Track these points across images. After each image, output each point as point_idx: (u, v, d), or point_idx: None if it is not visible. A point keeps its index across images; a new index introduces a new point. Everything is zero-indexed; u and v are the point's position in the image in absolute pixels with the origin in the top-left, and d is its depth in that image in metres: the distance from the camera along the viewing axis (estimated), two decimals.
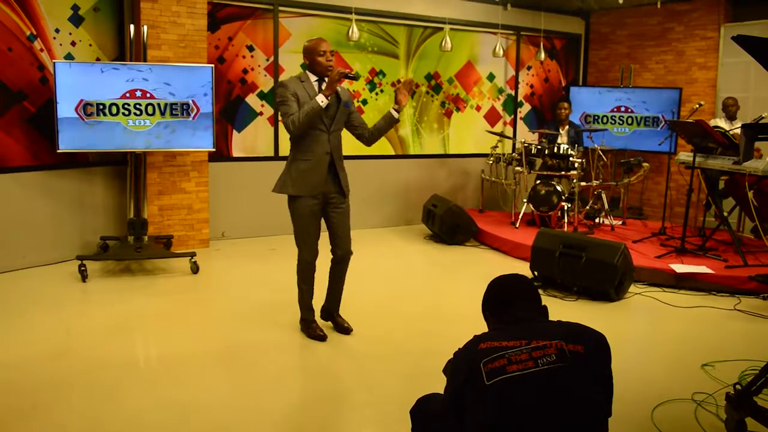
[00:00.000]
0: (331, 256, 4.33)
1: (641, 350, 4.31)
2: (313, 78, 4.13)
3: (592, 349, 2.01)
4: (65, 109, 5.65)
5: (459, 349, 2.12)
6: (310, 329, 4.36)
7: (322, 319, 4.53)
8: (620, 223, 7.59)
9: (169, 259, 6.18)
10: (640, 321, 4.97)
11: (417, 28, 8.29)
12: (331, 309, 4.50)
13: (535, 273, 5.63)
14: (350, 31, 7.22)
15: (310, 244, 4.19)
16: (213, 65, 6.15)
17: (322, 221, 4.26)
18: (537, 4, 8.60)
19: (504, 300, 2.23)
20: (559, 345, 1.96)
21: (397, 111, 4.16)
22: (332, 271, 4.41)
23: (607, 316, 4.90)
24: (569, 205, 7.15)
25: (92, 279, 5.64)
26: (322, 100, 3.91)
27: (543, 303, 2.27)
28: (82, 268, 5.61)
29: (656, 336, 4.59)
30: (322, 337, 4.30)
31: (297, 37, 7.50)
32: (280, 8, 7.33)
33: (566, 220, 7.07)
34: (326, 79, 4.02)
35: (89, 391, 3.48)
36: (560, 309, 5.03)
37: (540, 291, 5.34)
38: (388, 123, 4.22)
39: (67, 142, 5.71)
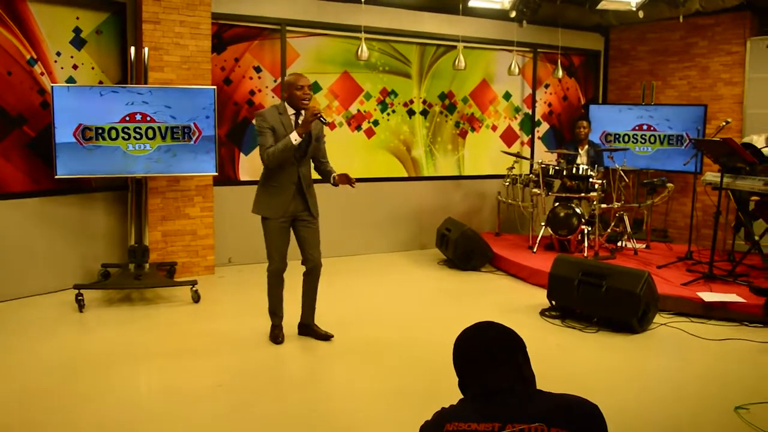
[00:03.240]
0: (303, 269, 4.60)
1: (666, 389, 3.96)
2: (290, 111, 4.41)
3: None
4: (63, 133, 5.50)
5: (425, 423, 1.77)
6: (272, 333, 4.67)
7: (300, 334, 4.74)
8: (644, 246, 7.24)
9: (171, 288, 5.96)
10: (665, 355, 4.62)
11: (429, 47, 8.06)
12: (306, 322, 4.74)
13: (553, 303, 5.31)
14: (359, 50, 7.01)
15: (278, 257, 4.51)
16: (215, 87, 5.98)
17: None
18: (554, 21, 8.33)
19: (474, 363, 1.78)
20: (541, 430, 1.60)
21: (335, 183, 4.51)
22: (304, 282, 4.66)
23: (629, 350, 4.56)
24: (589, 228, 6.82)
25: (90, 308, 5.43)
26: (295, 138, 4.25)
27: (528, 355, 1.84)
28: (79, 297, 5.41)
29: (683, 372, 4.23)
30: (278, 341, 4.59)
31: (305, 58, 7.31)
32: (288, 28, 7.16)
33: (586, 243, 6.74)
34: (302, 113, 4.34)
35: (65, 428, 3.25)
36: (579, 342, 4.71)
37: (558, 322, 5.09)
38: (328, 179, 4.57)
39: (66, 168, 5.55)
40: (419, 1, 7.72)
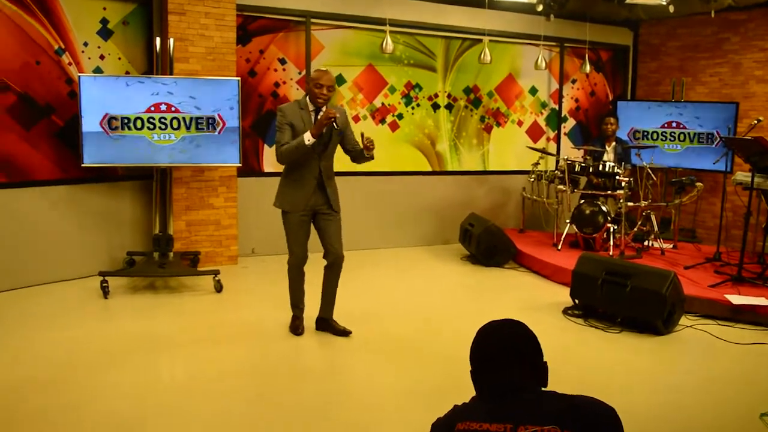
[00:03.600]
0: (324, 263, 4.57)
1: (690, 392, 3.87)
2: (311, 107, 4.37)
3: None
4: (90, 122, 5.55)
5: (437, 420, 1.76)
6: (293, 324, 4.67)
7: (317, 329, 4.70)
8: (671, 246, 7.11)
9: (194, 277, 6.00)
10: (690, 358, 4.52)
11: (455, 40, 7.99)
12: (325, 316, 4.69)
13: (576, 301, 5.24)
14: (384, 43, 6.97)
15: (298, 249, 4.49)
16: (239, 78, 5.98)
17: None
18: (582, 15, 8.20)
19: (490, 361, 1.77)
20: None
21: (370, 155, 4.43)
22: (325, 275, 4.62)
23: (653, 352, 4.48)
24: (615, 227, 6.72)
25: (115, 295, 5.49)
26: (309, 139, 4.20)
27: (544, 360, 1.83)
28: (104, 284, 5.47)
29: (708, 376, 4.13)
30: (298, 333, 4.61)
31: (330, 50, 7.29)
32: (313, 20, 7.14)
33: (612, 242, 6.64)
34: (321, 111, 4.31)
35: (81, 417, 3.27)
36: (602, 342, 4.64)
37: (581, 321, 5.02)
38: (363, 158, 4.48)
39: (92, 156, 5.60)
40: None
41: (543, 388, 1.77)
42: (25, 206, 5.68)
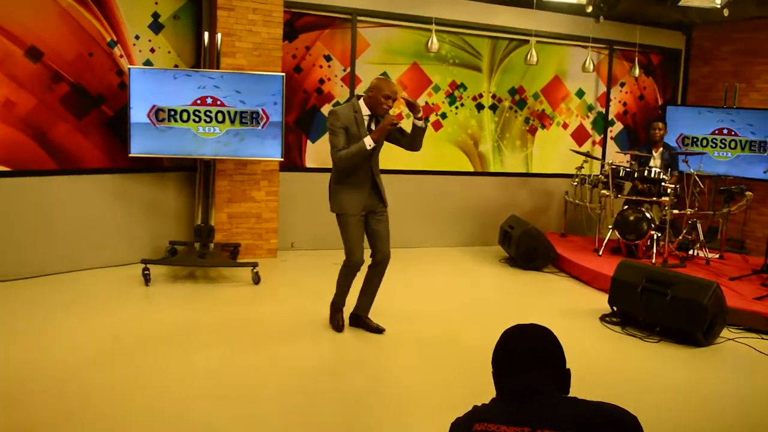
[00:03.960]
0: (370, 261, 4.57)
1: (727, 408, 3.77)
2: (365, 111, 4.34)
3: None
4: (138, 114, 5.69)
5: (456, 420, 1.76)
6: (333, 319, 4.68)
7: (350, 325, 4.70)
8: (717, 256, 6.92)
9: (233, 268, 6.10)
10: (730, 372, 4.39)
11: (501, 41, 7.93)
12: (361, 313, 4.68)
13: (614, 308, 5.15)
14: (430, 42, 6.96)
15: (358, 252, 4.47)
16: (284, 74, 6.05)
17: None
18: (633, 17, 8.04)
19: (512, 364, 1.75)
20: None
21: (420, 119, 4.34)
22: (369, 273, 4.61)
23: (691, 364, 4.37)
24: (659, 234, 6.57)
25: (156, 283, 5.62)
26: (369, 144, 4.21)
27: (567, 366, 1.80)
28: (146, 272, 5.61)
29: (747, 392, 4.02)
30: (339, 328, 4.61)
31: (375, 48, 7.32)
32: (359, 18, 7.17)
33: (655, 250, 6.50)
34: (381, 118, 4.30)
35: (124, 401, 3.37)
36: (639, 351, 4.56)
37: (618, 329, 4.93)
38: (419, 132, 4.41)
39: (139, 147, 5.74)
40: None
41: (564, 394, 1.75)
42: (74, 193, 5.85)
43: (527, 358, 1.75)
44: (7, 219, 5.47)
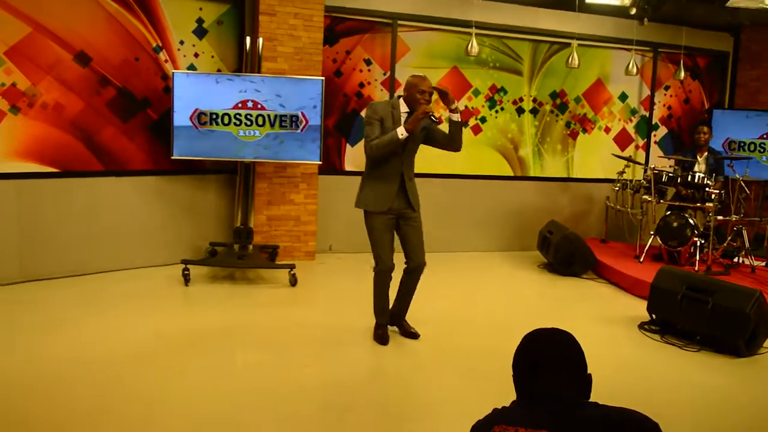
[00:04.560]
0: (405, 267, 4.50)
1: (765, 419, 3.68)
2: (403, 109, 4.32)
3: None
4: (181, 117, 5.82)
5: (477, 422, 1.77)
6: (376, 333, 4.55)
7: (388, 324, 4.63)
8: (763, 264, 6.73)
9: (271, 270, 6.19)
10: None
11: (543, 44, 7.87)
12: (397, 314, 4.63)
13: (653, 316, 5.05)
14: (470, 45, 6.95)
15: (386, 257, 4.38)
16: (323, 78, 6.11)
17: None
18: (678, 19, 7.88)
19: (532, 367, 1.76)
20: None
21: (454, 111, 4.26)
22: (403, 281, 4.55)
23: (731, 373, 4.26)
24: (703, 241, 6.42)
25: (195, 283, 5.74)
26: (402, 133, 4.14)
27: (588, 372, 1.79)
28: (186, 272, 5.73)
29: None
30: (383, 342, 4.47)
31: (415, 52, 7.34)
32: (399, 22, 7.21)
33: (698, 257, 6.35)
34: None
35: (161, 397, 3.46)
36: (678, 360, 4.46)
37: (657, 337, 4.84)
38: (455, 128, 4.33)
39: (181, 150, 5.87)
40: None
41: (583, 398, 1.75)
42: (119, 194, 6.03)
43: (548, 362, 1.75)
44: (56, 218, 5.66)
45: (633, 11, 6.90)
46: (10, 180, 5.39)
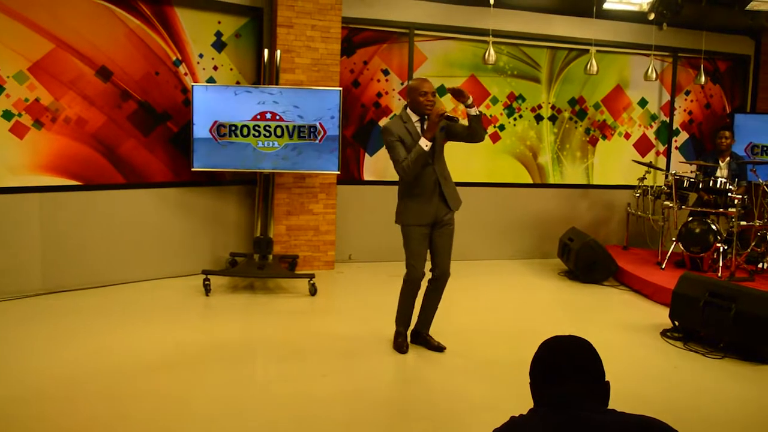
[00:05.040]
0: (429, 276, 4.48)
1: None
2: (414, 117, 4.30)
3: None
4: (201, 129, 5.89)
5: (494, 430, 1.77)
6: (396, 342, 4.54)
7: (411, 342, 4.61)
8: None
9: (290, 279, 6.22)
10: None
11: (561, 51, 7.84)
12: (420, 329, 4.61)
13: (676, 323, 4.99)
14: (487, 54, 6.96)
15: (420, 265, 4.37)
16: (341, 88, 6.15)
17: None
18: (698, 23, 7.82)
19: (550, 375, 1.76)
20: None
21: (471, 106, 4.19)
22: (428, 290, 4.53)
23: (756, 381, 4.19)
24: (726, 247, 6.34)
25: (215, 293, 5.79)
26: (426, 144, 4.13)
27: (606, 379, 1.78)
28: (206, 282, 5.78)
29: None
30: (403, 351, 4.47)
31: (432, 61, 7.36)
32: (416, 32, 7.23)
33: (722, 263, 6.27)
34: (426, 118, 4.22)
35: (180, 407, 3.48)
36: (701, 367, 4.40)
37: (680, 344, 4.78)
38: (475, 122, 4.25)
39: (201, 161, 5.94)
40: (550, 3, 7.55)
41: (602, 406, 1.73)
42: (140, 206, 6.10)
43: (565, 369, 1.75)
44: (78, 230, 5.75)
45: (651, 16, 6.88)
46: (34, 193, 5.49)
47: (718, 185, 6.47)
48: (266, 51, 6.28)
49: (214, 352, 4.39)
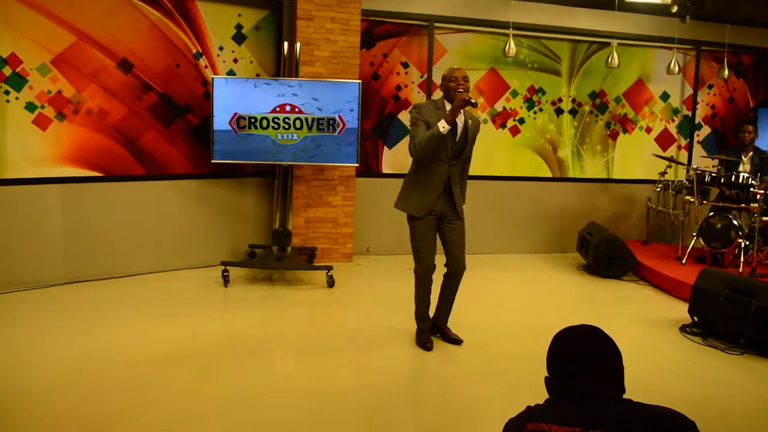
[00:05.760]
0: (445, 271, 4.46)
1: None
2: (448, 106, 4.21)
3: None
4: (220, 121, 5.93)
5: (510, 420, 1.77)
6: (420, 339, 4.50)
7: (429, 332, 4.57)
8: None
9: (309, 271, 6.25)
10: None
11: (582, 44, 7.78)
12: (438, 322, 4.59)
13: (695, 318, 4.95)
14: (507, 46, 6.92)
15: (426, 256, 4.33)
16: (360, 81, 6.16)
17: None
18: (721, 16, 7.71)
19: (566, 366, 1.76)
20: None
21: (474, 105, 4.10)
22: (444, 285, 4.52)
23: None
24: (748, 243, 6.27)
25: (234, 284, 5.83)
26: (443, 126, 4.04)
27: (623, 366, 1.78)
28: (225, 274, 5.82)
29: None
30: (427, 348, 4.41)
31: (452, 54, 7.33)
32: (436, 24, 7.21)
33: (743, 258, 6.19)
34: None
35: (199, 397, 3.53)
36: (720, 363, 4.36)
37: (699, 340, 4.74)
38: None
39: (221, 154, 5.98)
40: None
41: (617, 396, 1.73)
42: (160, 198, 6.16)
43: (580, 360, 1.75)
44: (99, 221, 5.82)
45: (674, 9, 6.77)
46: (57, 184, 5.56)
47: (740, 180, 6.39)
48: (286, 44, 6.30)
49: (233, 343, 4.43)
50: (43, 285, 5.49)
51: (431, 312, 4.57)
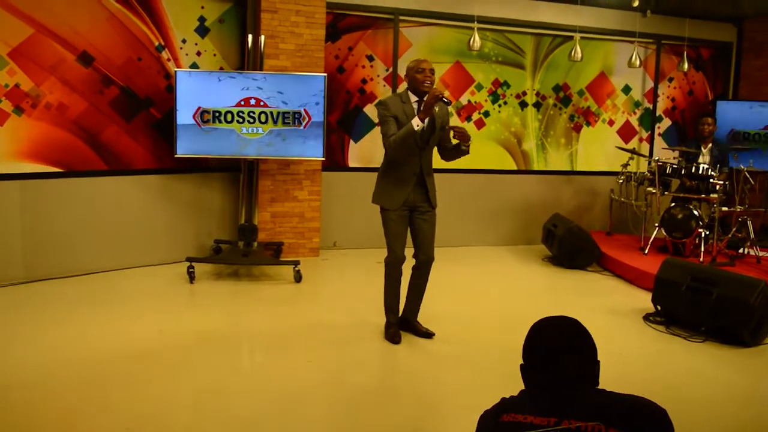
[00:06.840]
0: (413, 263, 4.45)
1: None
2: (413, 99, 4.25)
3: None
4: (184, 115, 5.84)
5: (485, 412, 1.78)
6: (388, 332, 4.49)
7: (400, 329, 4.54)
8: None
9: (275, 266, 6.21)
10: None
11: (545, 37, 7.85)
12: (408, 317, 4.58)
13: (658, 307, 5.05)
14: (472, 40, 6.95)
15: (398, 247, 4.35)
16: (325, 74, 6.12)
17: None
18: (681, 11, 7.85)
19: (541, 356, 1.77)
20: (598, 429, 1.55)
21: (467, 147, 4.23)
22: (413, 276, 4.51)
23: (736, 364, 4.25)
24: (708, 232, 6.41)
25: (200, 280, 5.76)
26: (417, 124, 4.06)
27: (598, 359, 1.80)
28: (191, 270, 5.75)
29: None
30: (395, 341, 4.41)
31: (417, 47, 7.33)
32: (401, 18, 7.20)
33: (704, 248, 6.34)
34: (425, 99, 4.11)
35: (164, 394, 3.48)
36: (683, 350, 4.46)
37: (662, 328, 4.84)
38: (458, 153, 4.32)
39: (185, 148, 5.89)
40: None
41: (592, 387, 1.76)
42: (123, 193, 6.05)
43: (556, 350, 1.77)
44: (60, 218, 5.68)
45: (636, 3, 6.88)
46: (15, 180, 5.41)
47: (700, 171, 6.52)
48: (250, 36, 6.23)
49: (199, 339, 4.37)
50: (2, 284, 5.35)
51: (400, 308, 4.57)
